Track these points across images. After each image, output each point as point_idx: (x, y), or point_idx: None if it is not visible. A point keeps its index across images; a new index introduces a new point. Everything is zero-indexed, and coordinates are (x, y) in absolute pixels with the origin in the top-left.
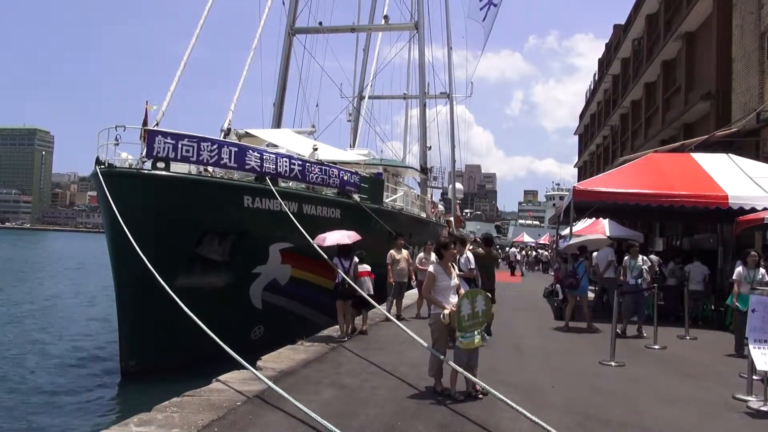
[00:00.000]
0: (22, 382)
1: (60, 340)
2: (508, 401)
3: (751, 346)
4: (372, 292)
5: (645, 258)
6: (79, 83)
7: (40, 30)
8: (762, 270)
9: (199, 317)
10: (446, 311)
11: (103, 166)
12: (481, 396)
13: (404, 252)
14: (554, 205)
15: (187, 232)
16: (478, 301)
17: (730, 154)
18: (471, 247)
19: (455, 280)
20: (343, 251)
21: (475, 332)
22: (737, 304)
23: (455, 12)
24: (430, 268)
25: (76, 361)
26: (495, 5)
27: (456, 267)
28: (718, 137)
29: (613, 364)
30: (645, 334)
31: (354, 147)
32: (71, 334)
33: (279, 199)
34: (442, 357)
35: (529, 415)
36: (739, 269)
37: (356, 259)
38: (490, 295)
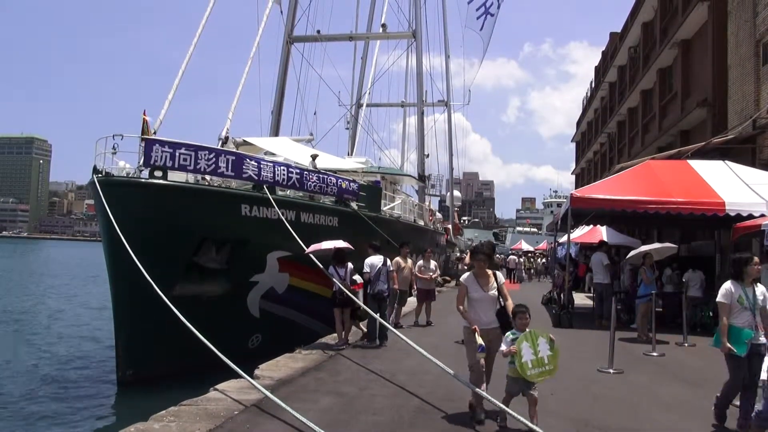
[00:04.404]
0: (18, 391)
1: (56, 348)
2: (515, 415)
3: None
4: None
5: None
6: (77, 92)
7: (38, 38)
8: (761, 287)
9: (197, 326)
10: (474, 326)
11: (100, 175)
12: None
13: (409, 261)
14: (552, 212)
15: (184, 241)
16: (540, 345)
17: (726, 161)
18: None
19: (493, 292)
20: (337, 259)
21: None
22: (730, 345)
23: (453, 20)
24: (462, 278)
25: (72, 370)
26: (492, 15)
27: (497, 277)
28: (715, 144)
29: (611, 371)
30: None
31: (352, 155)
32: (67, 343)
33: (276, 207)
34: (475, 387)
35: (530, 424)
36: (728, 286)
37: (350, 266)
38: (553, 337)
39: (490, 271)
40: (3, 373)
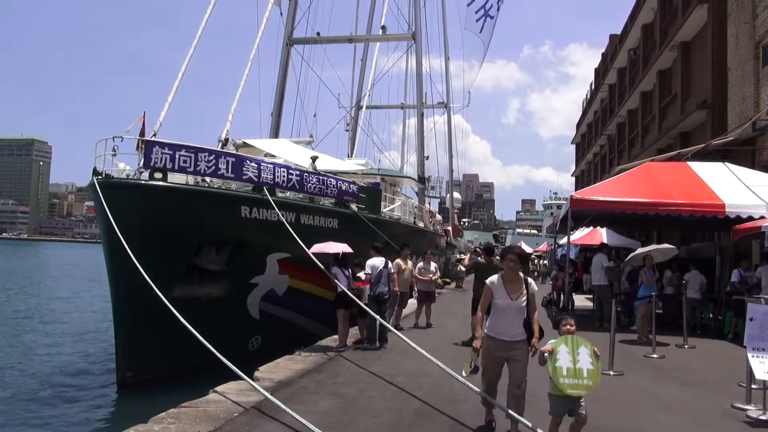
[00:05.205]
0: (18, 393)
1: (56, 350)
2: (513, 413)
3: (749, 355)
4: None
5: None
6: (77, 93)
7: (38, 39)
8: None
9: (197, 327)
10: (476, 343)
11: (100, 177)
12: None
13: (410, 263)
14: (552, 213)
15: (184, 243)
16: (581, 354)
17: (726, 163)
18: (469, 256)
19: (522, 300)
20: (340, 261)
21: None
22: None
23: (452, 22)
24: (489, 281)
25: (72, 372)
26: (491, 17)
27: (528, 285)
28: (715, 146)
29: (611, 373)
30: None
31: (352, 157)
32: (67, 345)
33: (276, 209)
34: (485, 394)
35: (531, 425)
36: None
37: (350, 270)
38: (597, 350)
39: (522, 277)
40: (3, 375)
